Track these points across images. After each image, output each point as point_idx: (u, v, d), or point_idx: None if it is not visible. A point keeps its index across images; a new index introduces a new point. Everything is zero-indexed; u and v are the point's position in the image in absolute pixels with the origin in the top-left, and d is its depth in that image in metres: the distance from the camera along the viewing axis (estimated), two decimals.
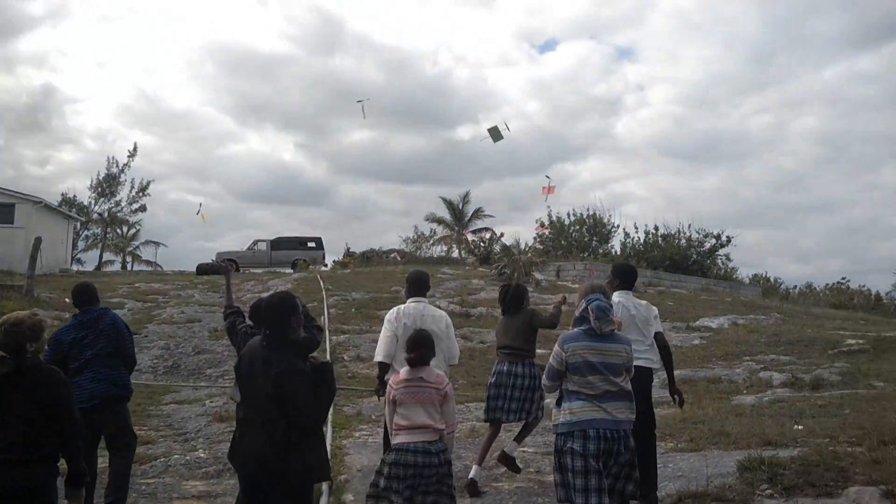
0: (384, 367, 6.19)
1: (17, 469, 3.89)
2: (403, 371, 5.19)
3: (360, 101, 23.89)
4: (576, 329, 4.91)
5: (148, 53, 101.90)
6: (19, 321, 4.09)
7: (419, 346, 5.15)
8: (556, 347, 4.88)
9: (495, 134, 21.21)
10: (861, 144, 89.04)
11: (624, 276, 6.44)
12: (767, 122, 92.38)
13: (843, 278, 42.30)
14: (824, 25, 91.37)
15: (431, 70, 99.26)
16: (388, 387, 5.27)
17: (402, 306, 6.41)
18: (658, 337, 6.34)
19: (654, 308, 6.42)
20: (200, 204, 35.55)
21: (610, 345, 4.80)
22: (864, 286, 39.90)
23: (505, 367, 6.96)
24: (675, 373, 7.02)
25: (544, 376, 5.01)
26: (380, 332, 6.53)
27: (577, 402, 4.70)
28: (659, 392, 11.80)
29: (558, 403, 4.85)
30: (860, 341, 16.13)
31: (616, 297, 6.09)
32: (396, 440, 5.01)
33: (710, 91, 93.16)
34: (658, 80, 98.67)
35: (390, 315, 6.36)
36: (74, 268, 41.66)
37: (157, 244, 54.14)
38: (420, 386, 5.04)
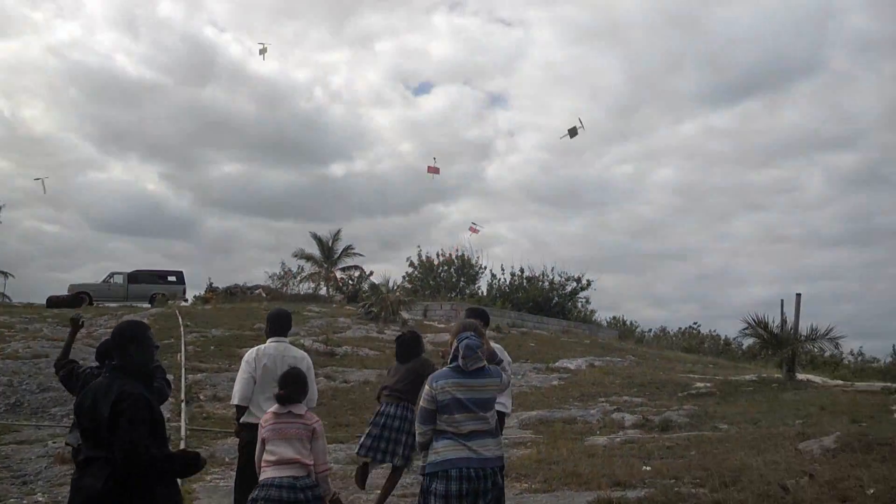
0: (241, 410, 6.03)
1: None
2: (273, 407, 5.13)
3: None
4: (445, 367, 4.89)
5: (6, 75, 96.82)
6: None
7: (291, 384, 5.14)
8: (426, 387, 4.84)
9: (572, 132, 24.42)
10: (715, 196, 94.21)
11: (479, 319, 6.54)
12: (628, 172, 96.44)
13: (695, 323, 44.24)
14: (683, 82, 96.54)
15: (305, 105, 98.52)
16: (259, 427, 5.17)
17: (261, 346, 6.22)
18: None
19: (506, 354, 6.53)
20: (44, 179, 33.15)
21: (479, 380, 4.77)
22: (714, 331, 42.01)
23: (382, 408, 7.13)
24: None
25: (416, 421, 4.93)
26: (238, 370, 6.36)
27: (443, 440, 4.67)
28: (517, 433, 12.01)
29: (425, 446, 4.83)
30: (708, 385, 16.96)
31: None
32: (263, 476, 4.92)
33: (576, 140, 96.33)
34: (527, 126, 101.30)
35: (248, 356, 6.18)
36: None
37: (5, 274, 50.94)
38: (288, 422, 4.99)
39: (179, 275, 36.87)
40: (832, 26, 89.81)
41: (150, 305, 32.33)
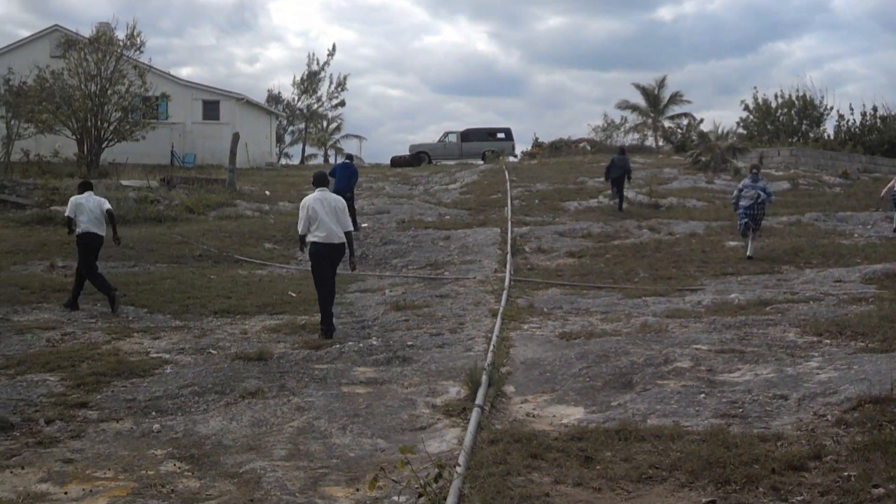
0: (303, 238, 8.94)
1: None
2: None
3: None
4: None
5: None
6: None
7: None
8: (737, 185, 14.98)
9: None
10: None
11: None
12: None
13: None
14: None
15: None
16: None
17: (310, 195, 9.04)
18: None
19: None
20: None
21: (756, 184, 13.95)
22: None
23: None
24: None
25: (734, 197, 14.47)
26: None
27: (744, 200, 13.82)
28: (858, 287, 10.90)
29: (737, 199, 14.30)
30: None
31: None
32: None
33: None
34: None
35: (303, 202, 9.01)
36: (282, 161, 43.96)
37: (358, 137, 55.93)
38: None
39: (507, 131, 37.84)
40: None
41: (482, 162, 33.75)
